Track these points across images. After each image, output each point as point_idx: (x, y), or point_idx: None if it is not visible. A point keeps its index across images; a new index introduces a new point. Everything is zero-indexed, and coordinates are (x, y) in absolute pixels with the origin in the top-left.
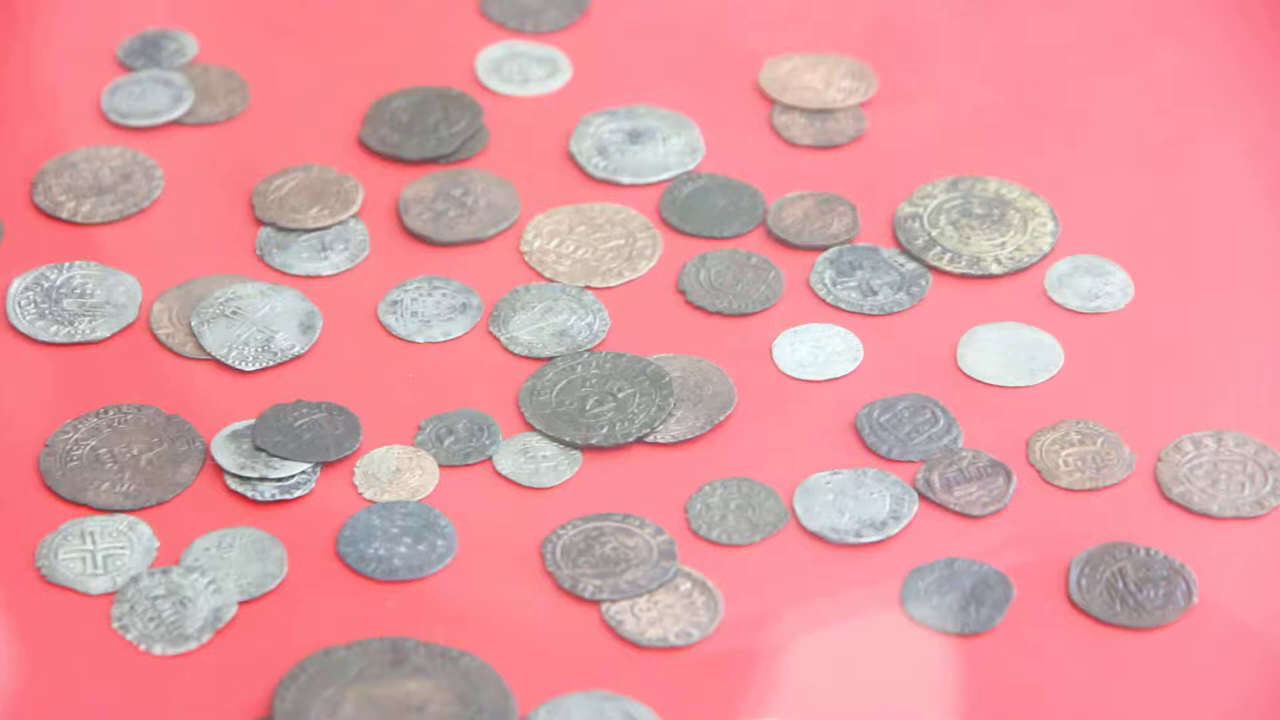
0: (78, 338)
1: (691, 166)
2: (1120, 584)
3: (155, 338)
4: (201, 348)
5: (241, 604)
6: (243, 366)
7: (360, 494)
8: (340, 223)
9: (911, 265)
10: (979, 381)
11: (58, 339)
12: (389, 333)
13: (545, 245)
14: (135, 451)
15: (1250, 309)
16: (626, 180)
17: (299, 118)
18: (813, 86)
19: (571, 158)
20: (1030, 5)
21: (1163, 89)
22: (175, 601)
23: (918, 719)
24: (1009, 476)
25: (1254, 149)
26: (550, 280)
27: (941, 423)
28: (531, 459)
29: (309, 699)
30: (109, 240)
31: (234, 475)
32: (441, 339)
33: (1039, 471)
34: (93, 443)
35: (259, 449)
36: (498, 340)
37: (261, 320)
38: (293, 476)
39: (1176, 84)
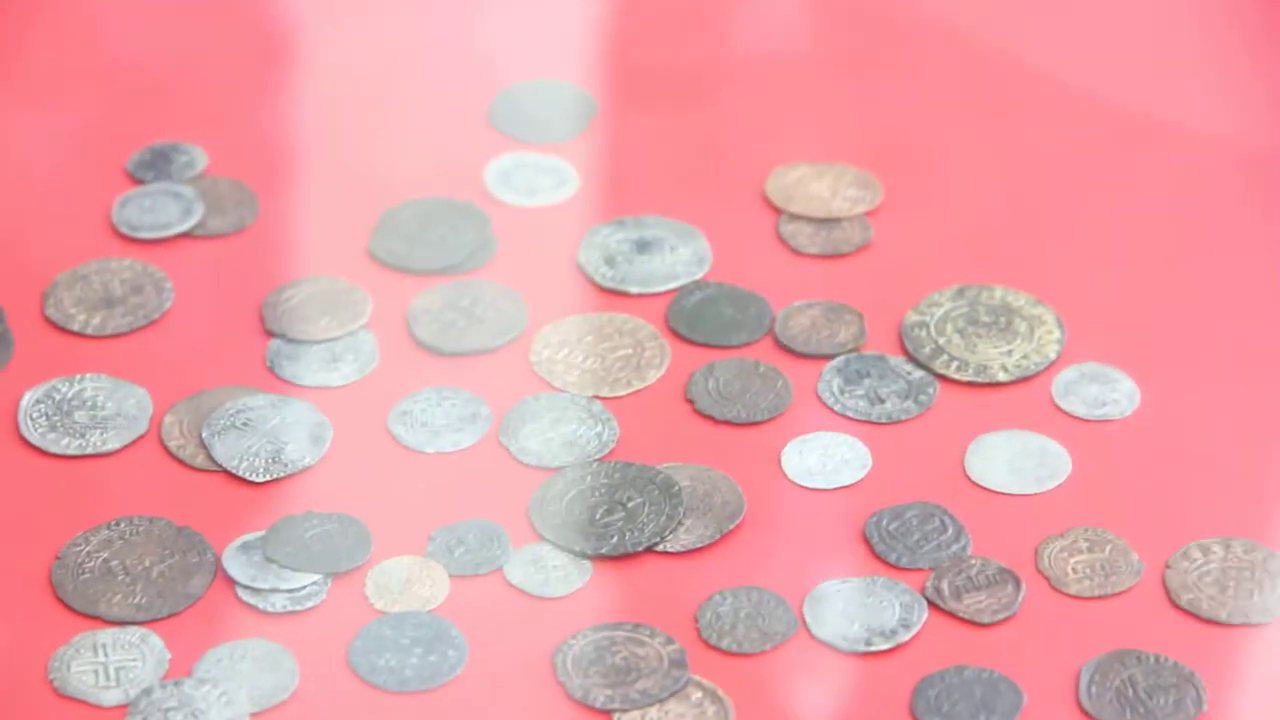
0: (89, 450)
1: (699, 276)
2: (1130, 691)
3: (166, 449)
4: (212, 459)
5: (254, 716)
6: (253, 478)
7: (371, 605)
8: (350, 333)
9: (919, 373)
10: (987, 489)
11: (69, 451)
12: (399, 443)
13: (554, 355)
14: (147, 563)
15: (1257, 415)
16: (634, 290)
17: (308, 229)
18: (819, 196)
19: (579, 268)
20: (1033, 113)
21: (1169, 195)
22: (187, 713)
23: None
24: (1018, 584)
25: (1260, 255)
26: (559, 390)
27: (950, 530)
28: (542, 569)
29: None
30: (120, 352)
31: (245, 586)
32: (451, 449)
33: (1047, 579)
34: (104, 555)
35: (270, 560)
36: (507, 450)
37: (272, 431)
38: (304, 587)
39: (1182, 190)
